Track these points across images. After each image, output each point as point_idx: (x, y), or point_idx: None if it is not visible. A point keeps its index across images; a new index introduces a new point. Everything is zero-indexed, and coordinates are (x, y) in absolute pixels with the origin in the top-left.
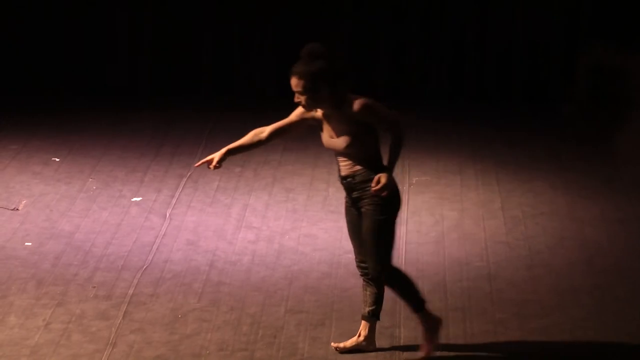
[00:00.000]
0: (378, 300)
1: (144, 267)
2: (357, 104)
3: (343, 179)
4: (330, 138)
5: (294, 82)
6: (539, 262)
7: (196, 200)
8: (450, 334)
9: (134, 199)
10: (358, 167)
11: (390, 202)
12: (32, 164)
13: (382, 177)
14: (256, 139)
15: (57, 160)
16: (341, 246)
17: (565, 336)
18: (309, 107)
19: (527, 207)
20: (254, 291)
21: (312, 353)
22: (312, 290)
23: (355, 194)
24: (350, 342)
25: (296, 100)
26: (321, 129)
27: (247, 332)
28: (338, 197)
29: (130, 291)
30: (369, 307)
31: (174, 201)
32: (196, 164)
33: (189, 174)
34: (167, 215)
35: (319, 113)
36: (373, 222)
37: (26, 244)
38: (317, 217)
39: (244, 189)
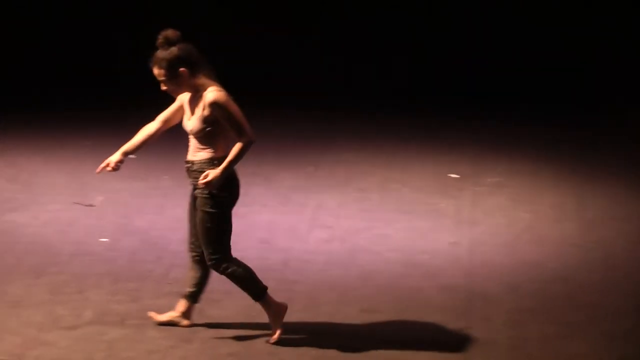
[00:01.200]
0: (200, 284)
1: None
2: (208, 97)
3: (185, 162)
4: (187, 120)
5: (155, 72)
6: (613, 265)
7: (269, 199)
8: (523, 335)
9: None
10: (199, 156)
11: (218, 196)
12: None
13: (211, 173)
14: (146, 132)
15: (133, 157)
16: (415, 246)
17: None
18: (173, 92)
19: (602, 210)
20: (327, 290)
21: (384, 353)
22: (386, 290)
23: (191, 181)
24: (166, 316)
25: (162, 88)
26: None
27: (320, 331)
28: (413, 197)
29: (205, 288)
30: (190, 288)
31: (247, 199)
32: (97, 171)
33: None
34: (241, 213)
35: (185, 96)
36: (203, 213)
37: (102, 240)
38: (391, 217)
39: (317, 188)
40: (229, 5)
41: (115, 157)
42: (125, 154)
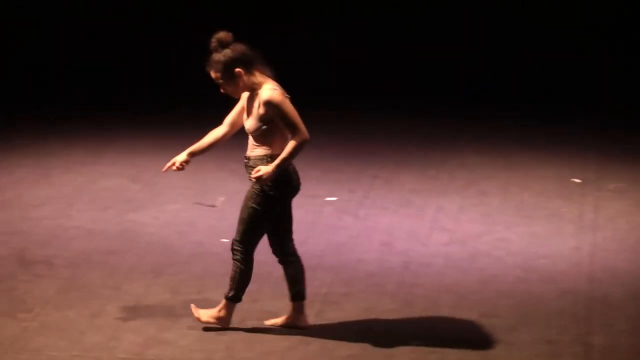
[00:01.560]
0: (293, 281)
1: (338, 266)
2: (263, 95)
3: (244, 157)
4: (245, 117)
5: (213, 75)
6: None
7: (390, 202)
8: None
9: (329, 199)
10: (255, 153)
11: (267, 194)
12: (230, 161)
13: (262, 169)
14: (213, 136)
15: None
16: (535, 251)
17: None
18: (233, 93)
19: None
20: (446, 293)
21: (504, 358)
22: (506, 295)
23: (248, 176)
24: (272, 321)
25: (222, 91)
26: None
27: (439, 334)
28: (533, 202)
29: (324, 290)
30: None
31: (367, 202)
32: (163, 169)
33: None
34: (361, 215)
35: (245, 95)
36: (246, 204)
37: (223, 240)
38: (512, 222)
39: (438, 191)
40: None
41: (182, 157)
42: (191, 154)
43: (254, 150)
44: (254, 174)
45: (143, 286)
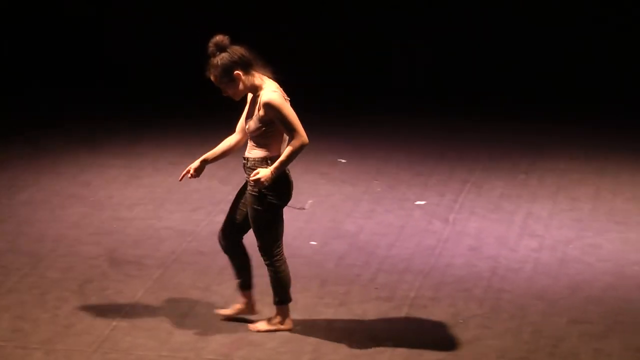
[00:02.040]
0: (243, 270)
1: (426, 270)
2: (263, 98)
3: (243, 158)
4: (246, 118)
5: (213, 79)
6: None
7: (479, 206)
8: None
9: (418, 203)
10: (253, 153)
11: (265, 196)
12: (319, 164)
13: (261, 172)
14: (227, 143)
15: (343, 161)
16: (627, 257)
17: None
18: (234, 96)
19: None
20: (535, 299)
21: None
22: (596, 301)
23: (245, 177)
24: (232, 309)
25: (224, 94)
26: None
27: (527, 340)
28: (625, 207)
29: (412, 294)
30: (237, 278)
31: (457, 206)
32: (179, 179)
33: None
34: (450, 219)
35: (249, 97)
36: (252, 209)
37: (311, 243)
38: (603, 227)
39: (527, 196)
40: None
41: (195, 164)
42: (205, 161)
43: (252, 151)
44: (253, 177)
45: (232, 288)
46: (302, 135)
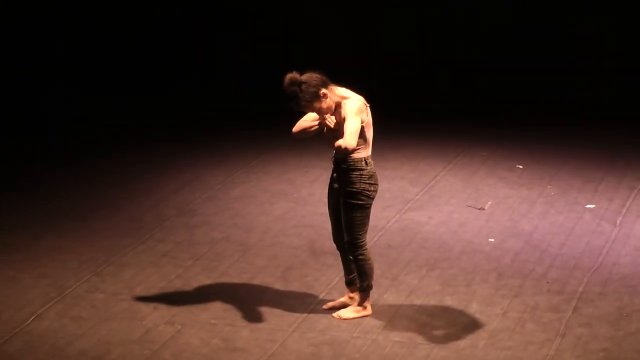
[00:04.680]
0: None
1: (594, 267)
2: (349, 104)
3: (333, 161)
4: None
5: (311, 110)
6: None
7: None
8: None
9: (588, 206)
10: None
11: (356, 194)
12: (499, 169)
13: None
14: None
15: (521, 167)
16: None
17: None
18: (329, 111)
19: None
20: None
21: None
22: None
23: (334, 175)
24: (337, 302)
25: (326, 120)
26: None
27: None
28: None
29: (580, 289)
30: (348, 275)
31: (624, 210)
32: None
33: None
34: (618, 222)
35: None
36: (344, 207)
37: (490, 240)
38: None
39: None
40: None
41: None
42: None
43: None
44: (331, 123)
45: (417, 278)
46: (349, 141)
